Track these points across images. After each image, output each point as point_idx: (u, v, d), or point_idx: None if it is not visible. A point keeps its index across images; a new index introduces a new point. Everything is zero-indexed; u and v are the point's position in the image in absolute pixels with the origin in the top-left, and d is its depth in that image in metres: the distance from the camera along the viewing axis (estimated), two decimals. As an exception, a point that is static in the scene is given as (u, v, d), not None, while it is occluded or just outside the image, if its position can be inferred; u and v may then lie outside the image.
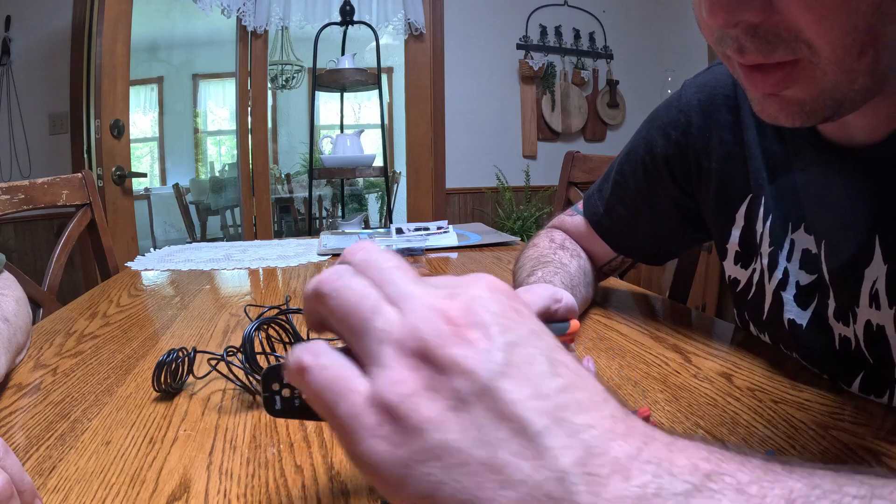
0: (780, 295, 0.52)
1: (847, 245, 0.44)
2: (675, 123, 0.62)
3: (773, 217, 0.52)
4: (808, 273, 0.50)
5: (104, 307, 0.83)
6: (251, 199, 2.83)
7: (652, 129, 0.66)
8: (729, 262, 0.59)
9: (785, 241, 0.51)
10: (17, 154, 2.48)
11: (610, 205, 0.71)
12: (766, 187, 0.53)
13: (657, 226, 0.68)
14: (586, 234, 0.74)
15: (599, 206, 0.72)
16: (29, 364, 0.59)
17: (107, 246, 1.23)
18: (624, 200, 0.69)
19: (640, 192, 0.67)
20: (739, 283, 0.59)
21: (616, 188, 0.71)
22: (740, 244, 0.57)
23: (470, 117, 2.95)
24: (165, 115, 5.43)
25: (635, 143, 0.69)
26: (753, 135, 0.53)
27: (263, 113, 2.83)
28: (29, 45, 2.46)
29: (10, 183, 1.08)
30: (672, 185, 0.64)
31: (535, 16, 3.00)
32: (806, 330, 0.50)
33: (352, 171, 2.33)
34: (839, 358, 0.48)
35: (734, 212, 0.57)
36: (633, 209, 0.69)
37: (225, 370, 0.49)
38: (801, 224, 0.50)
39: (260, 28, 2.70)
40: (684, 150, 0.61)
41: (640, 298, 0.81)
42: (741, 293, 0.59)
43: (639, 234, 0.70)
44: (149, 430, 0.44)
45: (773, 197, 0.52)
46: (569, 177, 1.30)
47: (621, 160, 0.71)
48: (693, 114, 0.60)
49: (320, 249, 1.23)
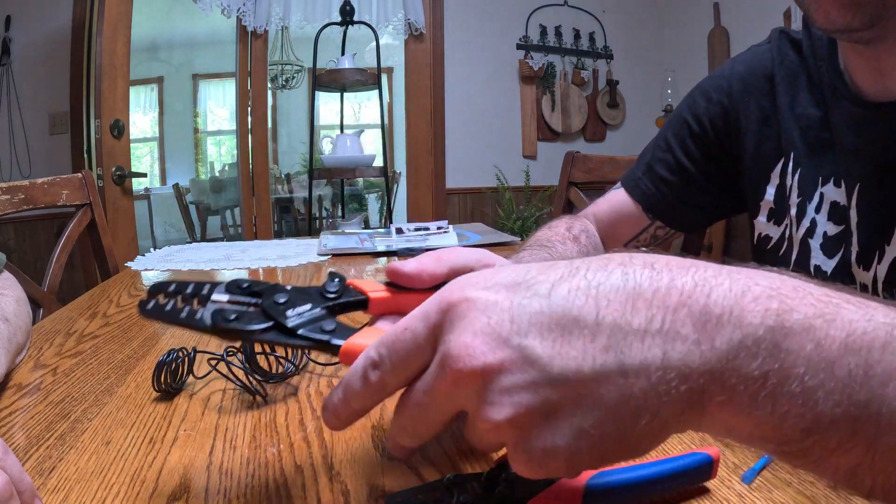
0: (807, 242, 0.56)
1: (882, 189, 0.49)
2: (717, 88, 0.65)
3: (802, 172, 0.57)
4: (835, 224, 0.54)
5: (104, 307, 0.83)
6: (251, 199, 2.83)
7: (695, 94, 0.68)
8: (761, 220, 0.63)
9: (815, 194, 0.56)
10: (17, 154, 2.48)
11: (651, 167, 0.71)
12: (796, 146, 0.57)
13: (696, 188, 0.68)
14: (618, 208, 0.73)
15: (638, 171, 0.72)
16: (29, 364, 0.59)
17: (107, 246, 1.23)
18: (666, 162, 0.69)
19: (685, 152, 0.68)
20: (771, 239, 0.62)
21: (658, 151, 0.71)
22: (775, 201, 0.61)
23: (470, 117, 2.95)
24: (165, 115, 5.44)
25: (677, 111, 0.70)
26: (787, 101, 0.58)
27: (263, 113, 2.83)
28: (29, 45, 2.46)
29: (10, 183, 1.08)
30: (714, 144, 0.66)
31: (535, 16, 3.00)
32: (830, 277, 0.54)
33: (352, 171, 2.33)
34: None
35: (769, 171, 0.61)
36: (675, 170, 0.69)
37: (225, 370, 0.49)
38: (832, 178, 0.54)
39: (260, 28, 2.70)
40: (726, 111, 0.64)
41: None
42: (772, 250, 0.62)
43: (677, 197, 0.69)
44: (149, 430, 0.44)
45: (803, 154, 0.57)
46: (569, 177, 1.30)
47: (662, 130, 0.72)
48: (734, 81, 0.64)
49: (320, 249, 1.23)
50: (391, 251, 1.21)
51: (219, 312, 0.29)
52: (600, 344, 0.21)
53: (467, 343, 0.22)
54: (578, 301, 0.22)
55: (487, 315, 0.22)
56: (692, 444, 0.40)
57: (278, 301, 0.29)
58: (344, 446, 0.41)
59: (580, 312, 0.22)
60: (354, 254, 1.20)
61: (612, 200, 0.74)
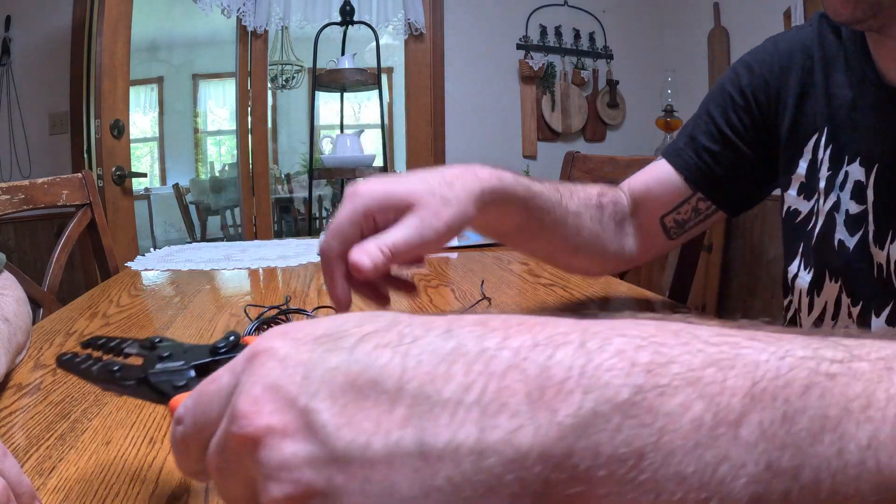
0: (833, 215, 0.57)
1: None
2: (761, 62, 0.66)
3: (833, 149, 0.58)
4: (857, 203, 0.55)
5: (104, 307, 0.83)
6: (251, 199, 2.83)
7: (737, 67, 0.69)
8: (791, 194, 0.64)
9: (840, 172, 0.57)
10: (17, 154, 2.48)
11: (693, 137, 0.70)
12: (829, 123, 0.59)
13: (739, 159, 0.67)
14: (657, 178, 0.70)
15: (680, 142, 0.71)
16: (29, 364, 0.59)
17: (107, 246, 1.23)
18: (710, 132, 0.69)
19: (728, 124, 0.68)
20: (800, 214, 0.63)
21: (701, 122, 0.70)
22: (806, 175, 0.62)
23: (470, 117, 2.95)
24: (165, 115, 5.44)
25: (719, 84, 0.70)
26: (822, 79, 0.60)
27: (263, 113, 2.83)
28: (29, 45, 2.46)
29: (10, 183, 1.08)
30: (757, 116, 0.66)
31: (535, 16, 3.00)
32: (852, 252, 0.55)
33: (352, 171, 2.33)
34: (876, 285, 0.53)
35: (803, 146, 0.62)
36: (718, 140, 0.68)
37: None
38: (857, 158, 0.56)
39: (260, 28, 2.70)
40: (767, 84, 0.65)
41: (640, 298, 0.81)
42: (801, 224, 0.62)
43: (722, 169, 0.67)
44: (149, 430, 0.44)
45: (834, 133, 0.59)
46: (569, 177, 1.30)
47: (704, 103, 0.72)
48: (777, 56, 0.65)
49: (320, 249, 1.23)
50: (391, 251, 1.21)
51: (105, 366, 0.30)
52: (398, 415, 0.16)
53: (256, 398, 0.18)
54: (382, 359, 0.17)
55: (283, 368, 0.18)
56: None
57: (161, 355, 0.29)
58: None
59: (381, 373, 0.17)
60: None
61: (651, 172, 0.71)
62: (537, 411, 0.15)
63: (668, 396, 0.15)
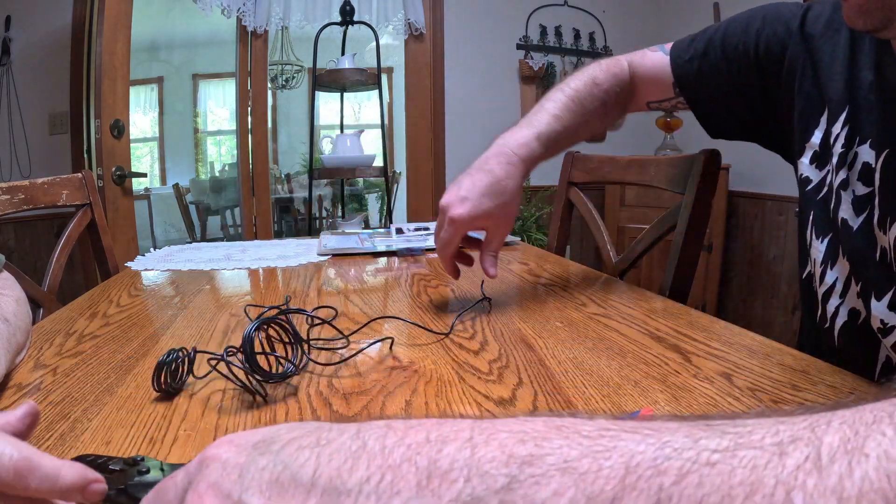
0: (840, 193, 0.58)
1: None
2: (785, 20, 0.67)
3: (850, 127, 0.59)
4: (864, 185, 0.56)
5: (104, 307, 0.83)
6: (251, 199, 2.83)
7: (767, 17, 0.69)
8: (804, 161, 0.64)
9: (852, 151, 0.57)
10: (17, 154, 2.49)
11: (697, 51, 0.75)
12: (849, 100, 0.59)
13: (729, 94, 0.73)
14: (656, 69, 0.80)
15: (687, 53, 0.77)
16: (29, 364, 0.59)
17: (107, 246, 1.23)
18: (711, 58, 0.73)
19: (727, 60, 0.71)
20: (811, 181, 0.63)
21: (710, 45, 0.74)
22: (821, 145, 0.62)
23: (470, 117, 2.95)
24: (165, 115, 5.44)
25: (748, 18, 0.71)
26: (849, 55, 0.60)
27: (263, 113, 2.83)
28: (29, 45, 2.46)
29: (10, 183, 1.08)
30: (758, 71, 0.68)
31: (535, 16, 3.00)
32: (856, 233, 0.56)
33: (352, 171, 2.33)
34: (879, 269, 0.53)
35: (820, 115, 0.62)
36: (715, 66, 0.73)
37: (225, 370, 0.49)
38: (868, 140, 0.56)
39: (260, 28, 2.70)
40: (784, 47, 0.66)
41: (640, 298, 0.81)
42: (812, 192, 0.63)
43: (714, 95, 0.74)
44: (149, 430, 0.44)
45: (853, 111, 0.59)
46: (569, 177, 1.30)
47: (726, 24, 0.74)
48: (796, 21, 0.66)
49: (320, 249, 1.23)
50: (391, 251, 1.21)
51: None
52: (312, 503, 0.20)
53: (200, 494, 0.21)
54: (301, 458, 0.21)
55: (224, 469, 0.22)
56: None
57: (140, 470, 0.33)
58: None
59: (299, 470, 0.20)
60: (354, 254, 1.20)
61: (653, 62, 0.81)
62: (424, 497, 0.18)
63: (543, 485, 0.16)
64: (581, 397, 0.48)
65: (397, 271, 1.05)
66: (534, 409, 0.47)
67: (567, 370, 0.54)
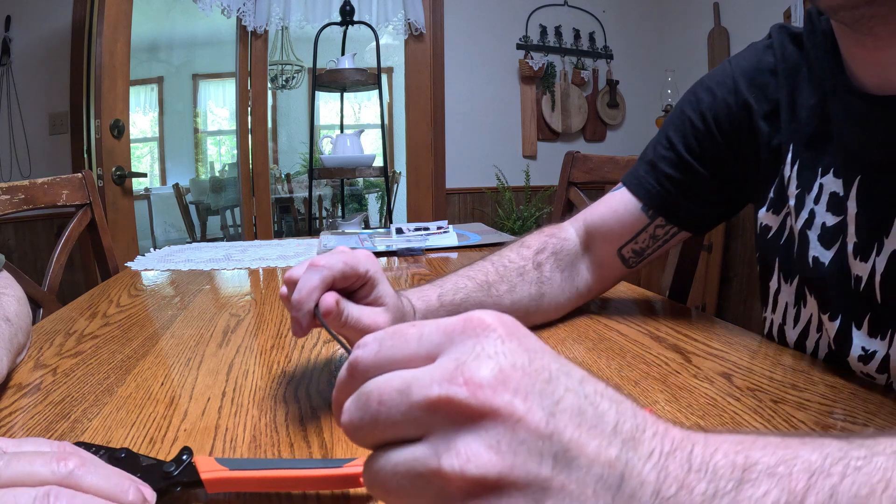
0: (805, 234, 0.56)
1: (881, 182, 0.50)
2: (721, 84, 0.65)
3: (801, 163, 0.57)
4: (834, 215, 0.54)
5: (104, 307, 0.83)
6: (251, 199, 2.83)
7: (697, 90, 0.67)
8: (762, 212, 0.63)
9: (814, 185, 0.56)
10: (17, 154, 2.49)
11: (654, 164, 0.69)
12: (796, 137, 0.58)
13: (701, 184, 0.67)
14: (615, 208, 0.70)
15: (640, 170, 0.70)
16: (29, 364, 0.59)
17: (107, 246, 1.23)
18: (670, 159, 0.68)
19: (688, 149, 0.67)
20: (771, 229, 0.62)
21: (661, 148, 0.69)
22: (775, 191, 0.61)
23: (470, 117, 2.95)
24: (165, 115, 5.43)
25: (679, 107, 0.69)
26: (788, 94, 0.59)
27: (263, 113, 2.83)
28: (29, 45, 2.46)
29: (10, 183, 1.08)
30: (720, 142, 0.65)
31: (535, 16, 3.00)
32: (828, 267, 0.54)
33: (352, 171, 2.33)
34: (853, 297, 0.52)
35: (781, 164, 0.60)
36: (679, 166, 0.67)
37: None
38: (831, 169, 0.54)
39: (260, 28, 2.70)
40: (730, 108, 0.64)
41: (640, 298, 0.81)
42: (773, 238, 0.62)
43: (683, 194, 0.67)
44: (149, 430, 0.44)
45: (802, 145, 0.57)
46: (569, 177, 1.30)
47: (663, 127, 0.71)
48: (738, 77, 0.63)
49: (320, 249, 1.23)
50: (391, 251, 1.21)
51: None
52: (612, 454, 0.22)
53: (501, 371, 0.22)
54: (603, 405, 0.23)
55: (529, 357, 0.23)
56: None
57: None
58: (343, 446, 0.41)
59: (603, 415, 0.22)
60: (354, 254, 1.20)
61: (609, 202, 0.72)
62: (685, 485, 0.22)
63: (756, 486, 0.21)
64: (581, 397, 0.48)
65: (397, 271, 1.05)
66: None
67: (567, 370, 0.54)
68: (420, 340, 0.24)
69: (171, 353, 0.62)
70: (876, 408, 0.45)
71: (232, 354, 0.61)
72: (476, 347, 0.22)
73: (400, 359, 0.24)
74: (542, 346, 0.24)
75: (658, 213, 0.68)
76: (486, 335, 0.22)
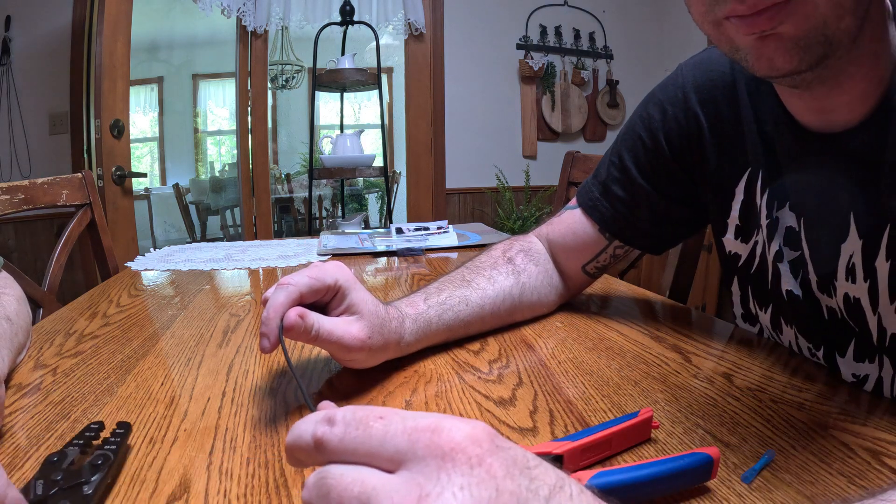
0: (777, 266, 0.54)
1: (825, 223, 0.48)
2: (673, 100, 0.62)
3: (770, 191, 0.54)
4: (791, 249, 0.53)
5: (104, 307, 0.83)
6: (251, 199, 2.83)
7: (649, 106, 0.64)
8: (729, 238, 0.60)
9: (773, 216, 0.54)
10: (17, 154, 2.48)
11: (607, 187, 0.67)
12: (762, 162, 0.54)
13: (655, 206, 0.65)
14: (574, 229, 0.70)
15: (595, 191, 0.69)
16: (29, 364, 0.59)
17: (107, 246, 1.23)
18: (622, 182, 0.66)
19: (639, 170, 0.65)
20: (740, 258, 0.60)
21: (613, 169, 0.67)
22: (740, 218, 0.58)
23: (470, 117, 2.95)
24: (165, 115, 5.43)
25: (631, 123, 0.67)
26: (751, 113, 0.55)
27: (263, 113, 2.83)
28: (29, 45, 2.46)
29: (10, 183, 1.08)
30: (671, 161, 0.63)
31: (535, 16, 3.00)
32: (803, 300, 0.53)
33: (352, 171, 2.33)
34: (831, 327, 0.51)
35: (734, 186, 0.58)
36: (631, 189, 0.66)
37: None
38: (787, 203, 0.52)
39: (260, 28, 2.70)
40: (682, 126, 0.61)
41: (640, 298, 0.81)
42: (743, 267, 0.60)
43: (638, 217, 0.66)
44: (149, 430, 0.44)
45: (768, 174, 0.54)
46: (569, 177, 1.30)
47: (617, 143, 0.69)
48: (690, 91, 0.60)
49: (320, 249, 1.23)
50: (391, 251, 1.21)
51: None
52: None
53: None
54: None
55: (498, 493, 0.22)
56: (692, 445, 0.40)
57: None
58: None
59: None
60: (354, 254, 1.20)
61: (568, 222, 0.71)
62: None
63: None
64: (581, 397, 0.48)
65: (397, 271, 1.05)
66: (534, 409, 0.47)
67: (567, 370, 0.54)
68: (384, 441, 0.23)
69: (171, 353, 0.62)
70: (877, 407, 0.45)
71: (232, 354, 0.61)
72: (441, 477, 0.21)
73: (363, 453, 0.23)
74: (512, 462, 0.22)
75: (615, 237, 0.68)
76: (453, 461, 0.21)
